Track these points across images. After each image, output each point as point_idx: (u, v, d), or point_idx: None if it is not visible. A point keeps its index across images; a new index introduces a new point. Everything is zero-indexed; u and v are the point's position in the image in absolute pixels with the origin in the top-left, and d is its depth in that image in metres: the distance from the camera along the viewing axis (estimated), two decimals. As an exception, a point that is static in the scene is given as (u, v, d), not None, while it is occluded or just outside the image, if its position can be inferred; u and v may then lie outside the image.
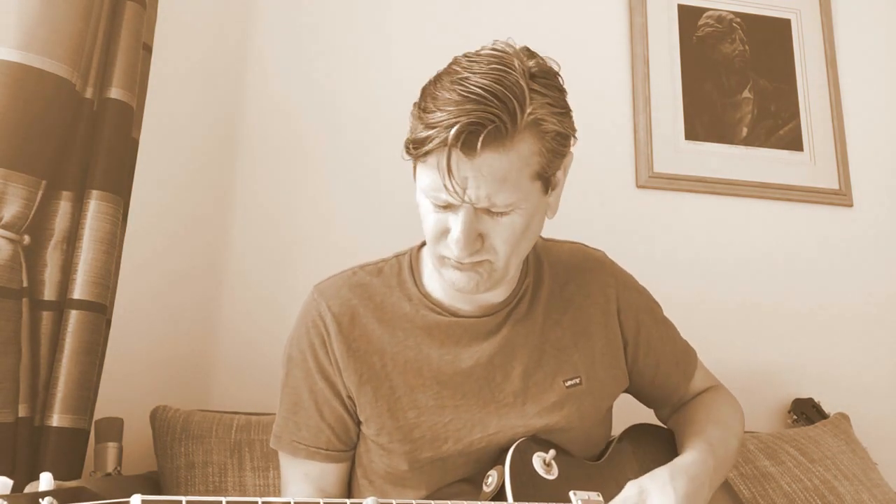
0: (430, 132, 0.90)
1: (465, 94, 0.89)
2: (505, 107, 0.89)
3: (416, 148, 0.93)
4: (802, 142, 2.05)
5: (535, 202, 0.97)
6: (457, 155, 0.89)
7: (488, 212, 0.95)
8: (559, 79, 0.98)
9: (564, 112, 0.97)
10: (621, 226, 1.90)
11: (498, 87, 0.89)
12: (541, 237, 1.20)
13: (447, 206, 0.95)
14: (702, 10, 2.10)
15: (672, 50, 2.06)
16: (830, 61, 2.12)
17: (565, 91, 0.99)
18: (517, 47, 0.96)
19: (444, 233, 0.97)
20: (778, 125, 2.06)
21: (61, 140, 1.30)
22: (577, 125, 1.01)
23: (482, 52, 0.95)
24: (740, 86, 2.07)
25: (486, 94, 0.89)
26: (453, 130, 0.88)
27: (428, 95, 0.94)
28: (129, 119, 1.42)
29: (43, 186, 1.26)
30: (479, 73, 0.91)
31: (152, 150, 1.66)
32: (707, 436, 1.11)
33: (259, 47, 1.86)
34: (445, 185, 0.91)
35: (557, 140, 0.96)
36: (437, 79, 0.95)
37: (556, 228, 1.27)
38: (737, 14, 2.12)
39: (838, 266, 1.98)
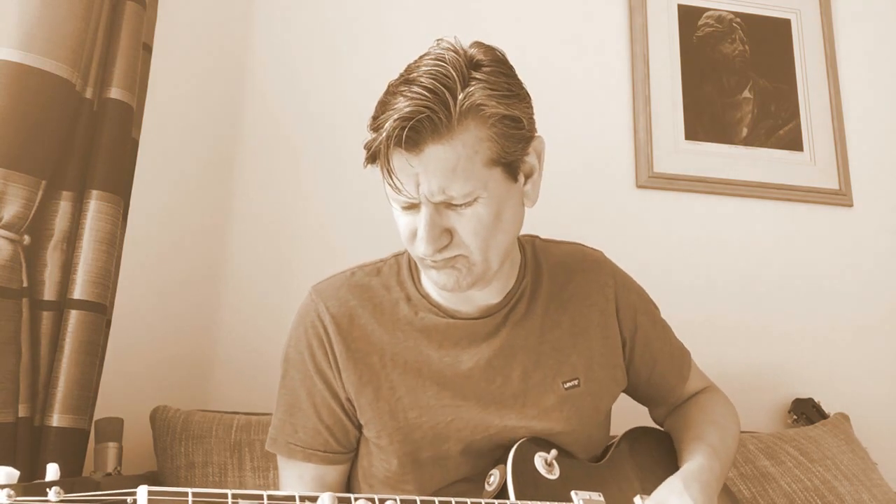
0: (373, 135, 0.93)
1: (405, 95, 0.91)
2: (437, 98, 0.90)
3: (366, 152, 0.95)
4: (802, 142, 2.05)
5: (499, 190, 0.96)
6: (399, 153, 0.91)
7: (449, 205, 0.95)
8: (506, 66, 0.98)
9: (510, 94, 0.95)
10: (621, 226, 1.90)
11: (431, 80, 0.90)
12: (539, 237, 1.20)
13: (411, 207, 0.96)
14: (702, 10, 2.11)
15: (672, 50, 2.06)
16: (830, 61, 2.12)
17: (513, 75, 0.98)
18: (460, 42, 0.97)
19: (414, 234, 0.98)
20: (778, 125, 2.06)
21: (61, 140, 1.30)
22: (575, 140, 1.01)
23: (426, 54, 0.96)
24: (740, 86, 2.07)
25: (420, 91, 0.90)
26: (386, 130, 0.89)
27: (379, 104, 0.96)
28: (129, 119, 1.42)
29: (43, 186, 1.26)
30: (417, 73, 0.92)
31: (152, 150, 1.66)
32: (709, 440, 1.11)
33: (259, 47, 1.86)
34: (390, 184, 0.93)
35: (507, 124, 0.94)
36: (387, 88, 0.96)
37: (556, 228, 1.27)
38: (737, 14, 2.12)
39: (838, 266, 1.98)
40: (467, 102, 0.91)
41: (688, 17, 2.09)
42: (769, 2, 2.15)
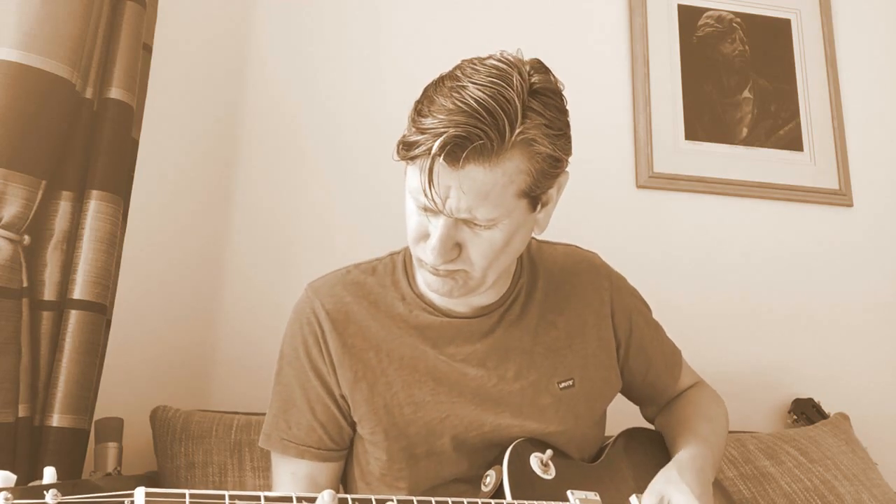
0: (419, 137, 0.90)
1: (459, 104, 0.88)
2: (495, 123, 0.88)
3: (404, 150, 0.93)
4: (802, 142, 2.05)
5: (518, 219, 0.97)
6: (440, 165, 0.89)
7: (468, 223, 0.94)
8: (562, 99, 0.97)
9: (560, 134, 0.95)
10: (621, 226, 1.90)
11: (491, 102, 0.88)
12: (534, 238, 1.20)
13: (428, 210, 0.95)
14: (702, 10, 2.11)
15: (672, 50, 2.06)
16: (830, 61, 2.12)
17: (566, 112, 0.98)
18: (525, 60, 0.95)
19: (424, 236, 0.97)
20: (778, 125, 2.06)
21: (61, 140, 1.30)
22: (575, 140, 1.00)
23: (487, 61, 0.93)
24: (740, 86, 2.07)
25: (478, 108, 0.87)
26: (439, 141, 0.87)
27: (426, 98, 0.93)
28: (129, 119, 1.42)
29: (43, 186, 1.26)
30: (477, 83, 0.89)
31: (152, 150, 1.66)
32: (699, 431, 1.14)
33: (259, 47, 1.86)
34: (425, 193, 0.91)
35: (549, 162, 0.94)
36: (439, 82, 0.94)
37: (555, 228, 1.27)
38: (737, 14, 2.12)
39: (838, 266, 1.98)
40: (523, 136, 0.90)
41: (688, 17, 2.09)
42: (769, 2, 2.15)
